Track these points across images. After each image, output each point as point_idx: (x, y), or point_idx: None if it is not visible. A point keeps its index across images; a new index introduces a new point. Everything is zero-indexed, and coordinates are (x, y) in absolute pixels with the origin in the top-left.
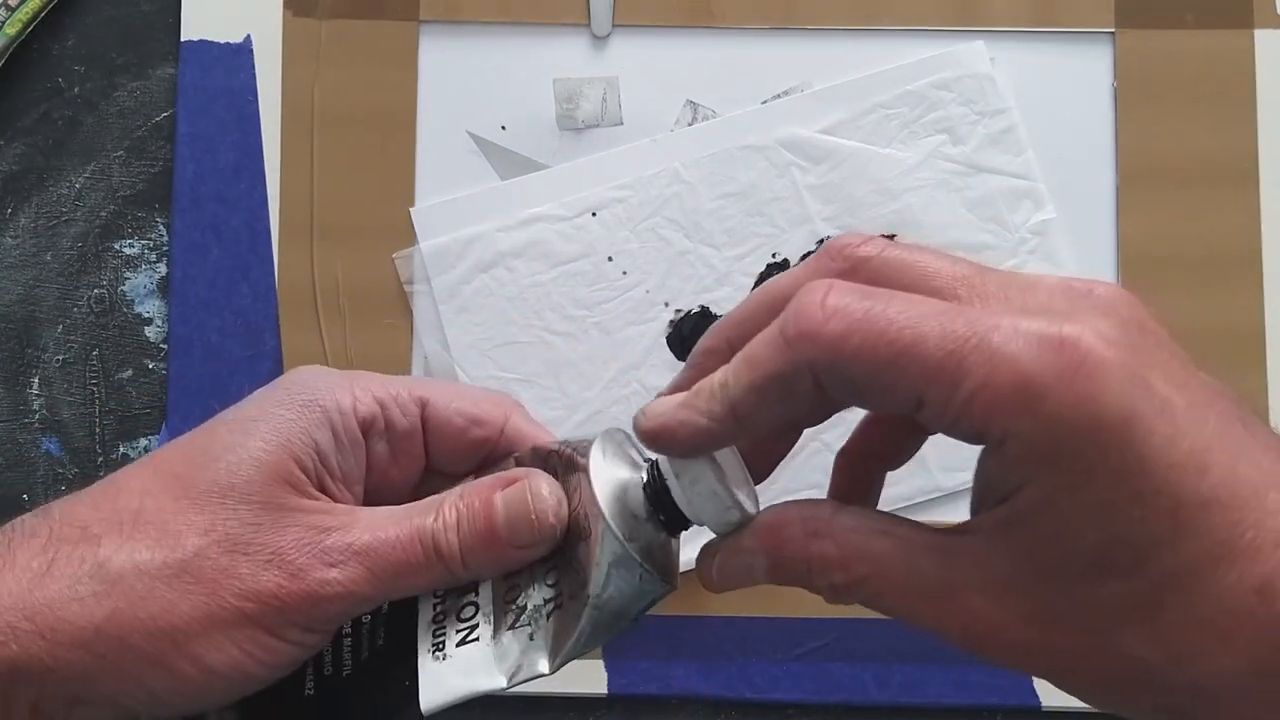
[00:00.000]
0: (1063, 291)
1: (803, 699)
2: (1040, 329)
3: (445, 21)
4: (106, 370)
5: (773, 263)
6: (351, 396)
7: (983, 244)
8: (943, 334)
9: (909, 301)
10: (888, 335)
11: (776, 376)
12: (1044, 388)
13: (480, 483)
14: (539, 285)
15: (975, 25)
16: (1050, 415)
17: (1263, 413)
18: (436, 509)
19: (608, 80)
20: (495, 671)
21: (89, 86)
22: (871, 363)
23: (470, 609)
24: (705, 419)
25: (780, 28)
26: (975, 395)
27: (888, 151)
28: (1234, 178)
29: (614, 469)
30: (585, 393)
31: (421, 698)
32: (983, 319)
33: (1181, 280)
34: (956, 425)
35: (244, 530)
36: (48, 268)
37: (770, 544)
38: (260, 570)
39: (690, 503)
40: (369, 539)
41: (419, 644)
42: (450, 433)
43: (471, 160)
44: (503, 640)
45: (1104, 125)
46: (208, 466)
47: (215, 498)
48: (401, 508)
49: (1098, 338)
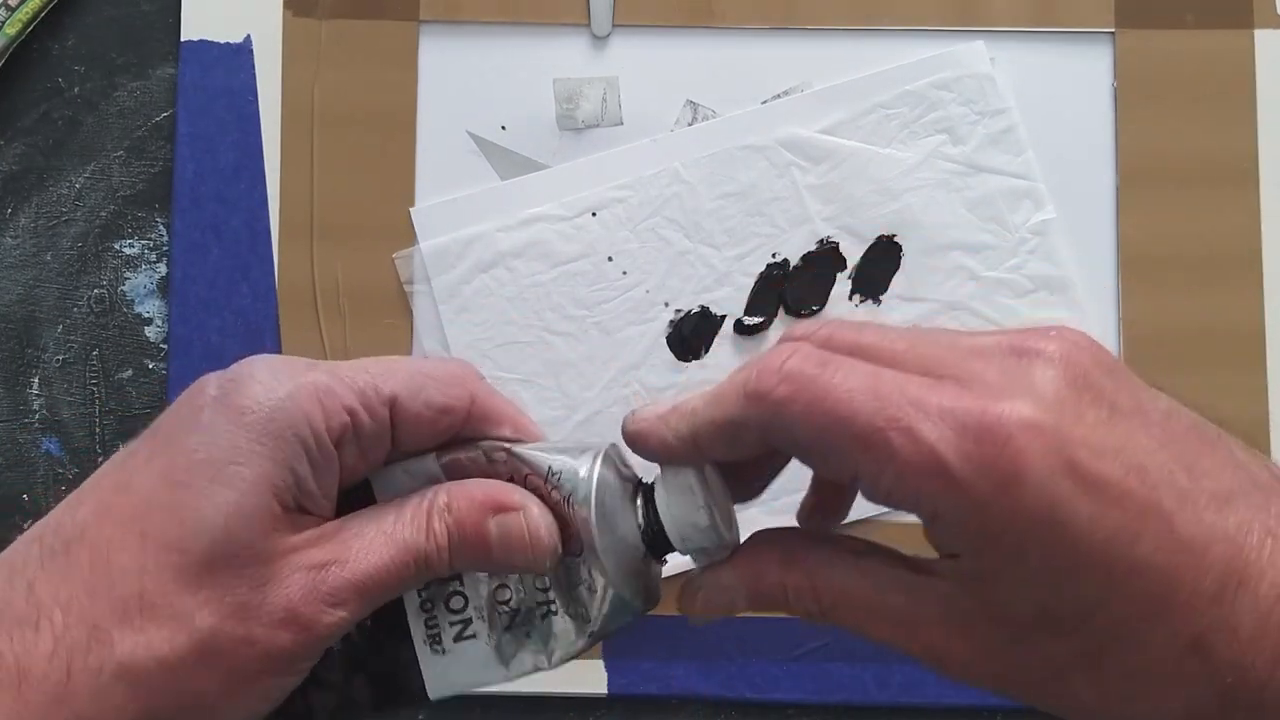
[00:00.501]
0: (1008, 356)
1: (803, 699)
2: (965, 414)
3: (445, 21)
4: (106, 370)
5: (773, 263)
6: (322, 411)
7: (983, 244)
8: (874, 412)
9: (853, 372)
10: (825, 406)
11: (728, 423)
12: (965, 480)
13: (469, 499)
14: (539, 285)
15: (975, 25)
16: (973, 505)
17: (1263, 413)
18: (426, 527)
19: (608, 80)
20: (497, 666)
21: (89, 86)
22: (809, 431)
23: (459, 599)
24: (672, 437)
25: (780, 28)
26: (902, 477)
27: (888, 151)
28: (1234, 178)
29: (609, 495)
30: (585, 393)
31: (429, 688)
32: (919, 396)
33: (1181, 280)
34: (890, 499)
35: (252, 594)
36: (48, 268)
37: (750, 576)
38: (275, 632)
39: (682, 539)
40: (365, 569)
41: (413, 633)
42: (419, 426)
43: (471, 160)
44: (501, 640)
45: (1104, 125)
46: (200, 533)
47: (218, 567)
48: (387, 520)
49: (1022, 424)
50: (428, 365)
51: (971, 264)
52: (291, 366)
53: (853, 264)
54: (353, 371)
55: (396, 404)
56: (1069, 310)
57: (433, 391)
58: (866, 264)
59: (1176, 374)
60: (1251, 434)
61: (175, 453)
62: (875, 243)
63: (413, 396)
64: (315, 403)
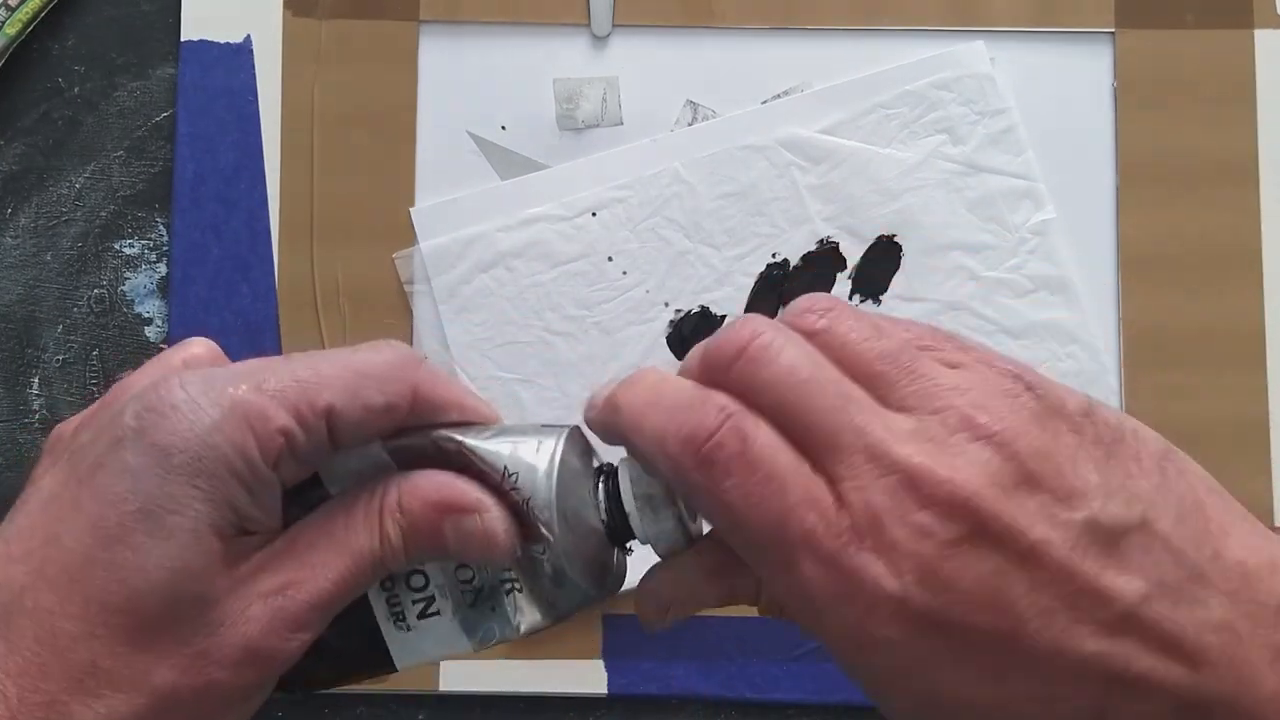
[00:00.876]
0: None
1: (803, 699)
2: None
3: (445, 21)
4: (107, 370)
5: (773, 263)
6: (254, 438)
7: (983, 244)
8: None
9: (777, 452)
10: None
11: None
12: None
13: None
14: (539, 285)
15: (975, 25)
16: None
17: (1262, 413)
18: (379, 531)
19: (608, 80)
20: (463, 639)
21: (89, 86)
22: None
23: (419, 578)
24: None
25: (780, 28)
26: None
27: (888, 151)
28: (1234, 177)
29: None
30: (585, 393)
31: (396, 661)
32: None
33: (1181, 280)
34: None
35: (208, 640)
36: (48, 268)
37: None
38: (237, 671)
39: (645, 531)
40: (322, 586)
41: (374, 609)
42: (359, 429)
43: (472, 160)
44: (465, 615)
45: (1104, 125)
46: (146, 593)
47: (169, 623)
48: (337, 526)
49: (900, 581)
50: (362, 360)
51: (971, 264)
52: (212, 386)
53: (853, 264)
54: (283, 383)
55: (333, 413)
56: (1069, 310)
57: (371, 392)
58: (866, 264)
59: (1176, 374)
60: (1251, 434)
61: (104, 501)
62: (875, 243)
63: (350, 402)
64: (246, 430)
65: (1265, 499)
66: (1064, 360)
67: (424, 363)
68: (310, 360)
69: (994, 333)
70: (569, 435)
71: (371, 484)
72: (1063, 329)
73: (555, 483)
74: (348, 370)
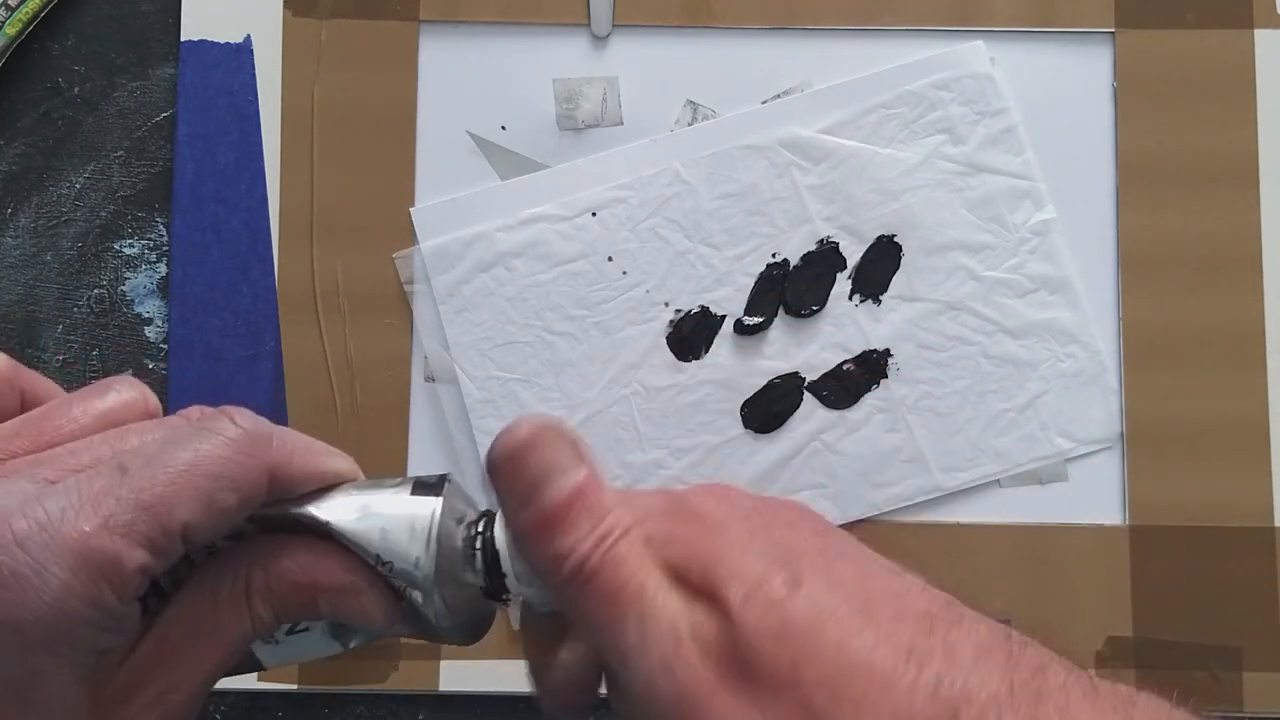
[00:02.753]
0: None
1: None
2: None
3: (445, 21)
4: (107, 370)
5: (773, 263)
6: (111, 589)
7: (983, 244)
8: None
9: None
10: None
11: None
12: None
13: (292, 585)
14: (539, 285)
15: (975, 25)
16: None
17: (1262, 413)
18: (249, 614)
19: (608, 80)
20: (334, 644)
21: (89, 87)
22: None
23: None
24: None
25: (780, 28)
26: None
27: (888, 152)
28: (1234, 177)
29: (450, 577)
30: (585, 393)
31: (265, 664)
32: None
33: (1181, 280)
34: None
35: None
36: (48, 268)
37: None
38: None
39: (521, 588)
40: (200, 679)
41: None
42: (214, 533)
43: (471, 160)
44: (336, 629)
45: (1104, 125)
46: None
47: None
48: (204, 614)
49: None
50: (209, 458)
51: (971, 264)
52: (53, 536)
53: (852, 264)
54: (129, 512)
55: (189, 528)
56: (1069, 310)
57: (224, 494)
58: (866, 264)
59: (1176, 373)
60: (1250, 434)
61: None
62: (875, 243)
63: (204, 513)
64: (100, 583)
65: (1264, 499)
66: (1064, 360)
67: (273, 435)
68: (152, 471)
69: (994, 332)
70: (444, 507)
71: (234, 563)
72: (1063, 329)
73: (434, 572)
74: (195, 474)
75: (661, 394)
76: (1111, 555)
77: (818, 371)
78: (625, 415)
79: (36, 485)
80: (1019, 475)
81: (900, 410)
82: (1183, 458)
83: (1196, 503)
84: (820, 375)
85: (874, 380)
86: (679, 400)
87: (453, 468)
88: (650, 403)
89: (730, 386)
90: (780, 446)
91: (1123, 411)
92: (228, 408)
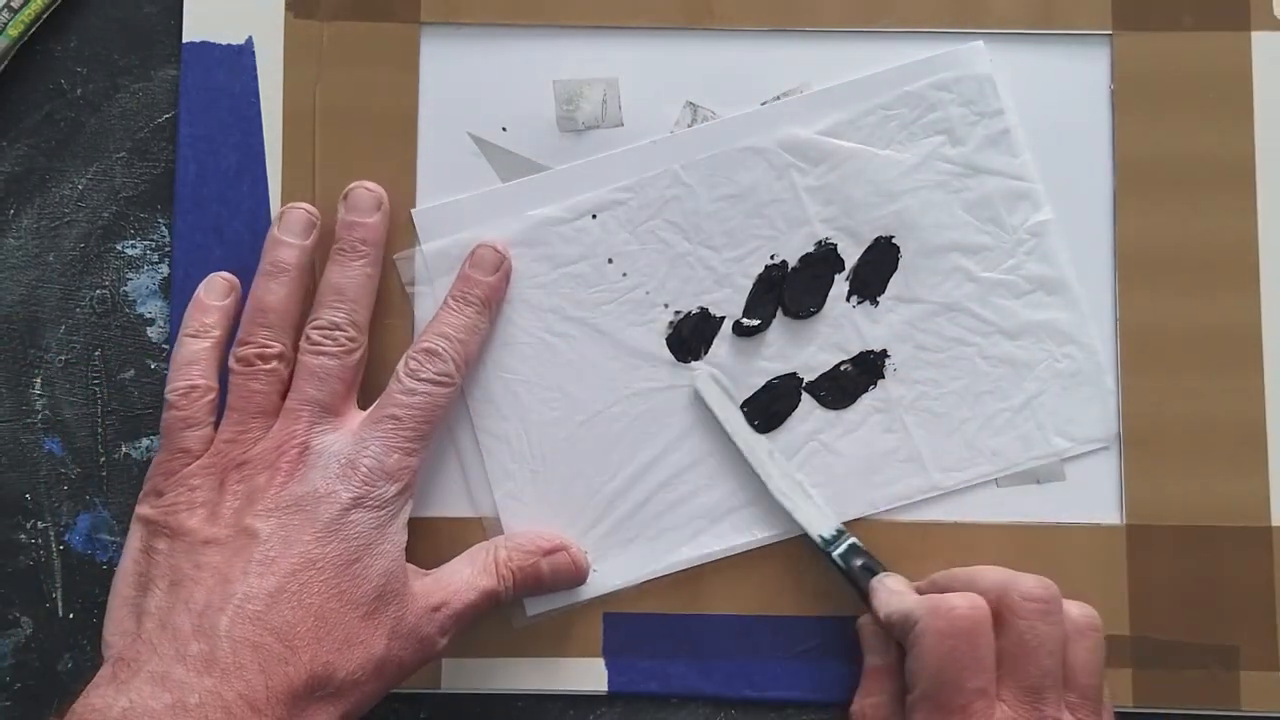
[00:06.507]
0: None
1: (802, 697)
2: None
3: (446, 23)
4: (109, 370)
5: (771, 264)
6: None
7: (980, 245)
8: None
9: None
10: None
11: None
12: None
13: (524, 552)
14: (540, 287)
15: (975, 26)
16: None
17: (1259, 414)
18: (498, 575)
19: (608, 81)
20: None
21: (91, 88)
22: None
23: None
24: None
25: (780, 29)
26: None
27: (887, 153)
28: (1231, 179)
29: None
30: (585, 394)
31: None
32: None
33: (1178, 281)
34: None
35: (401, 626)
36: (50, 268)
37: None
38: (418, 651)
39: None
40: (458, 609)
41: None
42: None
43: (472, 162)
44: None
45: (1101, 127)
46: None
47: (381, 610)
48: (468, 571)
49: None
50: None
51: (969, 265)
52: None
53: (850, 265)
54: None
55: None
56: (1066, 311)
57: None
58: (864, 265)
59: (1173, 375)
60: (1248, 434)
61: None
62: (873, 244)
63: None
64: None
65: (1261, 499)
66: (1061, 361)
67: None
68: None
69: (991, 333)
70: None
71: (486, 545)
72: (1060, 330)
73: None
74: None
75: (661, 394)
76: (1108, 555)
77: (816, 372)
78: (625, 415)
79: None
80: (1016, 475)
81: (897, 410)
82: (1179, 457)
83: (1193, 502)
84: (818, 376)
85: (871, 381)
86: (679, 401)
87: (453, 469)
88: (650, 403)
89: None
90: (778, 446)
91: (1120, 411)
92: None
